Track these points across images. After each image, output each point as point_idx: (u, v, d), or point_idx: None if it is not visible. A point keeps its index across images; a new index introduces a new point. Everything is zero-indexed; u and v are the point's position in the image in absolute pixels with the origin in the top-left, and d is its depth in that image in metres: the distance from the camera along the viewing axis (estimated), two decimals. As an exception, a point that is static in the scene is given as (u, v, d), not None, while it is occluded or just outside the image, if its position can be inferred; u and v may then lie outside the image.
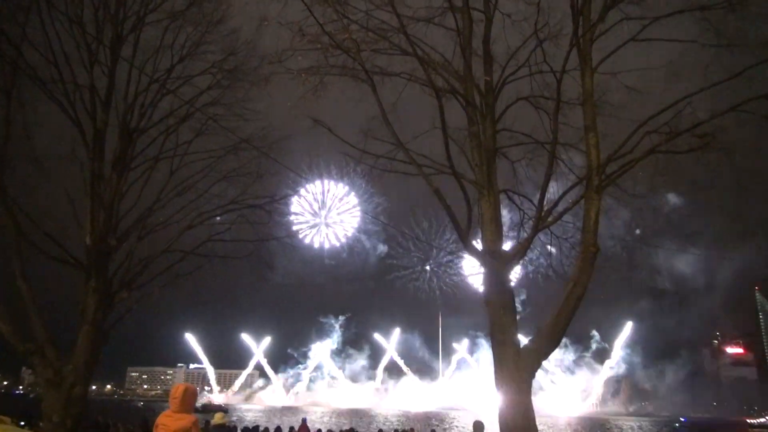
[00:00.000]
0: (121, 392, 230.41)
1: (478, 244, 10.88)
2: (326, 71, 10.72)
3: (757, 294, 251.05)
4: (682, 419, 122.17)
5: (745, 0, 9.45)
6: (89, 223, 12.74)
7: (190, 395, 5.46)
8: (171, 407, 5.41)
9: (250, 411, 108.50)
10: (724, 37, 9.90)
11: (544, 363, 10.50)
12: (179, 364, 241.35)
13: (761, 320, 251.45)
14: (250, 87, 14.40)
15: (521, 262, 11.43)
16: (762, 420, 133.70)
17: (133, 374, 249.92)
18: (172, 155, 14.26)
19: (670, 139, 10.11)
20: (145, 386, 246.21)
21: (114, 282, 13.13)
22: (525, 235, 11.70)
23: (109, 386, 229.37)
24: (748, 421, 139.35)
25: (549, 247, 12.76)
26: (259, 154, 13.97)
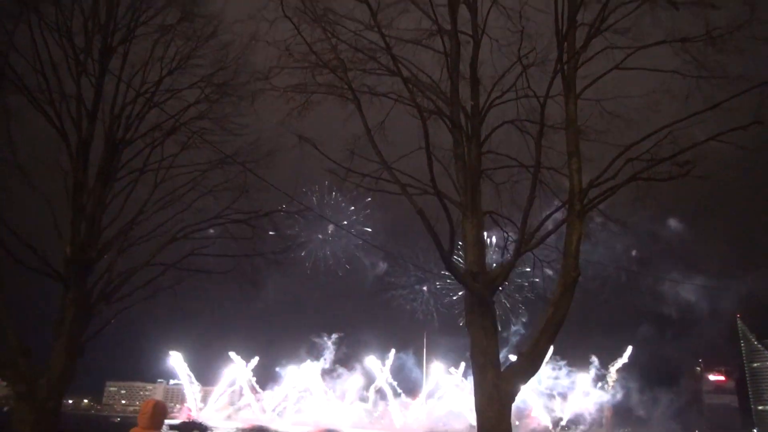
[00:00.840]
0: (99, 407, 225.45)
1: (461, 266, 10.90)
2: (313, 89, 10.79)
3: (739, 322, 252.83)
4: None
5: (723, 35, 9.69)
6: (70, 233, 12.58)
7: (159, 411, 5.38)
8: (140, 423, 5.32)
9: (232, 429, 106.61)
10: (704, 68, 10.14)
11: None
12: (159, 380, 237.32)
13: (743, 348, 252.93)
14: (238, 102, 14.41)
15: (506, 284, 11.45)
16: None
17: (111, 389, 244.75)
18: (157, 168, 14.18)
19: (651, 167, 10.27)
20: (124, 401, 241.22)
21: (93, 294, 12.94)
22: (509, 257, 11.74)
23: (86, 401, 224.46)
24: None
25: (531, 270, 12.82)
26: (245, 169, 13.94)
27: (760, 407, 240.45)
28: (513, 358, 10.29)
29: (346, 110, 11.29)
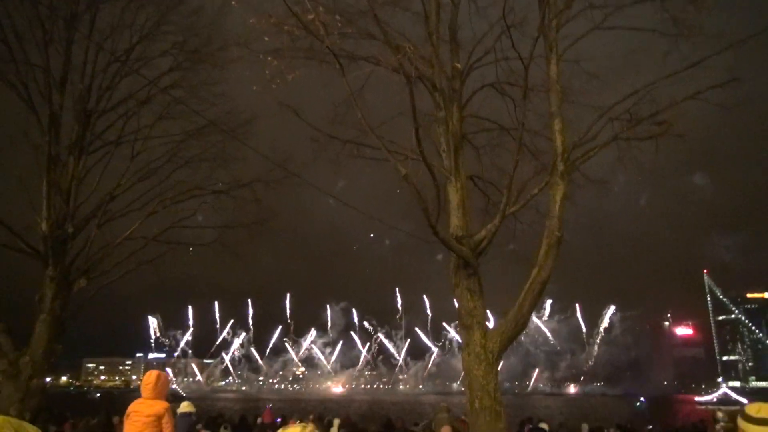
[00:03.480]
0: (78, 384, 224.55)
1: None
2: (293, 54, 10.54)
3: (706, 277, 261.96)
4: (642, 399, 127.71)
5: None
6: (45, 209, 12.28)
7: (162, 382, 5.38)
8: (144, 394, 5.32)
9: (228, 400, 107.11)
10: (683, 27, 10.18)
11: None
12: (138, 354, 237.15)
13: (709, 303, 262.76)
14: (212, 69, 14.05)
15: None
16: (708, 397, 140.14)
17: (89, 365, 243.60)
18: (133, 139, 13.83)
19: (632, 127, 10.39)
20: (103, 377, 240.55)
21: (72, 270, 12.73)
22: (492, 221, 11.84)
23: (64, 378, 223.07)
24: (696, 398, 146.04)
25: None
26: (223, 138, 13.69)
27: (724, 358, 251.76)
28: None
29: (326, 76, 11.11)
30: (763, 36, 9.25)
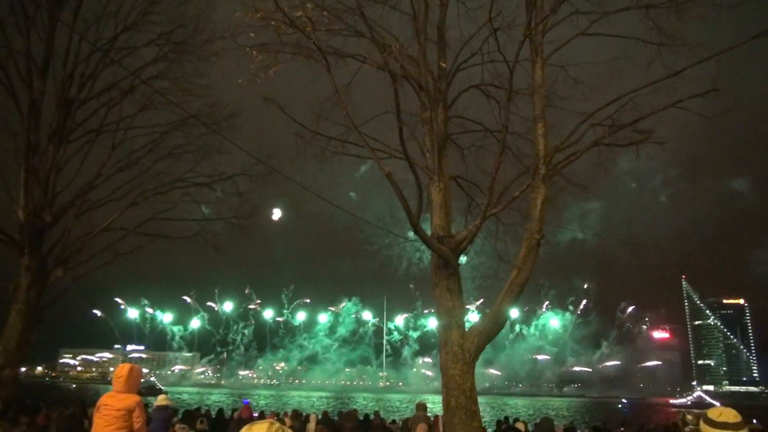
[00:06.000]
0: (53, 375, 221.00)
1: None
2: (279, 49, 10.48)
3: (684, 283, 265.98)
4: (624, 401, 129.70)
5: (687, 1, 9.86)
6: (22, 197, 12.10)
7: (135, 375, 5.31)
8: (115, 387, 5.23)
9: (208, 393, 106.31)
10: (666, 36, 10.34)
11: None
12: (116, 346, 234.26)
13: (686, 307, 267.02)
14: (198, 61, 13.93)
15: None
16: (683, 400, 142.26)
17: (66, 356, 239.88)
18: (115, 129, 13.68)
19: (613, 133, 10.52)
20: (79, 369, 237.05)
21: (49, 260, 12.56)
22: (473, 221, 11.91)
23: (40, 368, 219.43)
24: (671, 401, 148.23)
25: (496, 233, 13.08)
26: (206, 131, 13.59)
27: (699, 362, 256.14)
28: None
29: (312, 72, 11.07)
30: (744, 48, 9.43)
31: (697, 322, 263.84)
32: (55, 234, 12.88)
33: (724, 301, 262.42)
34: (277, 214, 14.74)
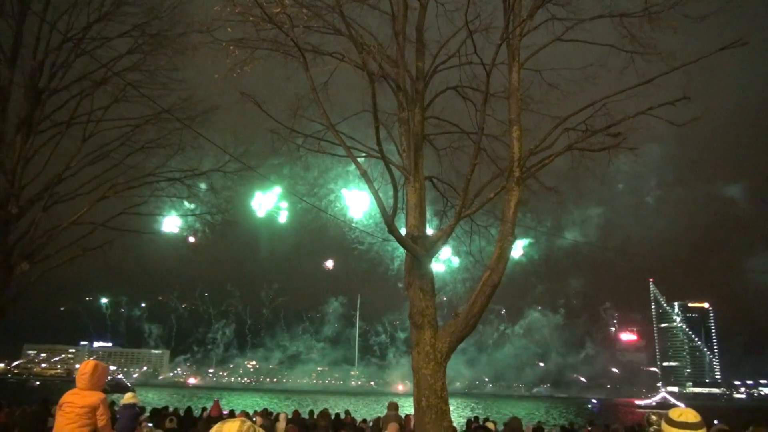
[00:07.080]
0: (16, 371, 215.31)
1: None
2: (256, 45, 10.40)
3: (652, 286, 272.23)
4: (594, 401, 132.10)
5: (661, 11, 10.09)
6: (-13, 188, 11.77)
7: (99, 372, 5.21)
8: (78, 384, 5.13)
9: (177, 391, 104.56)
10: (639, 44, 10.57)
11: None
12: (82, 342, 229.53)
13: (653, 310, 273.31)
14: (173, 55, 13.70)
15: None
16: (648, 401, 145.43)
17: (30, 352, 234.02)
18: (86, 121, 13.36)
19: (587, 138, 10.70)
20: (44, 365, 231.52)
21: (15, 253, 12.23)
22: (448, 222, 11.99)
23: (2, 365, 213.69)
24: (636, 402, 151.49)
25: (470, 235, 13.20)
26: (181, 125, 13.38)
27: (665, 364, 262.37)
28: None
29: (289, 69, 11.01)
30: (714, 59, 9.69)
31: (663, 325, 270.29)
32: (22, 226, 12.54)
33: (690, 305, 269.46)
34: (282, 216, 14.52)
